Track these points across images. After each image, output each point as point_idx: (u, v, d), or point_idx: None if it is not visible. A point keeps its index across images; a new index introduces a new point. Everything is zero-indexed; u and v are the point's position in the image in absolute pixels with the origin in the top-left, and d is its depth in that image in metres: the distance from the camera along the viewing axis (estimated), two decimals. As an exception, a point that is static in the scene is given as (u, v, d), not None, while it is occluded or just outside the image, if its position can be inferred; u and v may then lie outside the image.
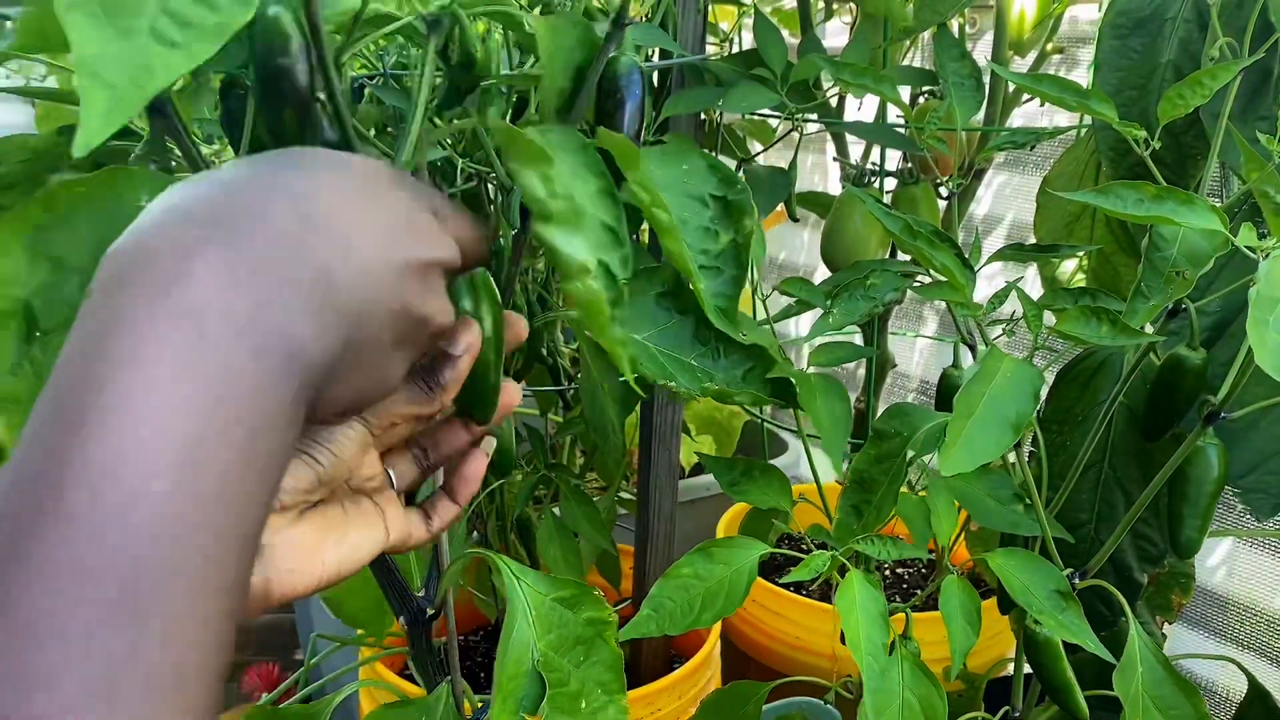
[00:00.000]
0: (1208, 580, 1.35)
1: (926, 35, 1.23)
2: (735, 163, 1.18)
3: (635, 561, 1.17)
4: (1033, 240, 1.09)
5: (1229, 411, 0.70)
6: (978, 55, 1.12)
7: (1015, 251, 0.87)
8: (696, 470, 1.71)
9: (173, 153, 0.59)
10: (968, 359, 0.84)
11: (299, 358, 0.36)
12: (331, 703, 0.67)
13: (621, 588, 1.24)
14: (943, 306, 1.68)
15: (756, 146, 1.27)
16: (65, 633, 0.29)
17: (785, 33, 1.04)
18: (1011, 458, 0.79)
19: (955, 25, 1.19)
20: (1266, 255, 0.62)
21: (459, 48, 0.56)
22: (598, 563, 1.21)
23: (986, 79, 0.96)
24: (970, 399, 0.65)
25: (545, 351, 1.15)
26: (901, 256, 1.10)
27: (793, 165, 1.12)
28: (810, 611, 1.28)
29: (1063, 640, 0.75)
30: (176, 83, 0.56)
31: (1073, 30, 1.37)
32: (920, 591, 1.36)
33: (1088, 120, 0.98)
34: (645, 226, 1.15)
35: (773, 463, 0.94)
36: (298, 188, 0.38)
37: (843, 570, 0.73)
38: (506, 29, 0.62)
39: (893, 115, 1.14)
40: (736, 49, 1.31)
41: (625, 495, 1.26)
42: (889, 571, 1.43)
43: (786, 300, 0.90)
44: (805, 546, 0.78)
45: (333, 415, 0.41)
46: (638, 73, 0.60)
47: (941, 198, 1.09)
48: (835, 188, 1.68)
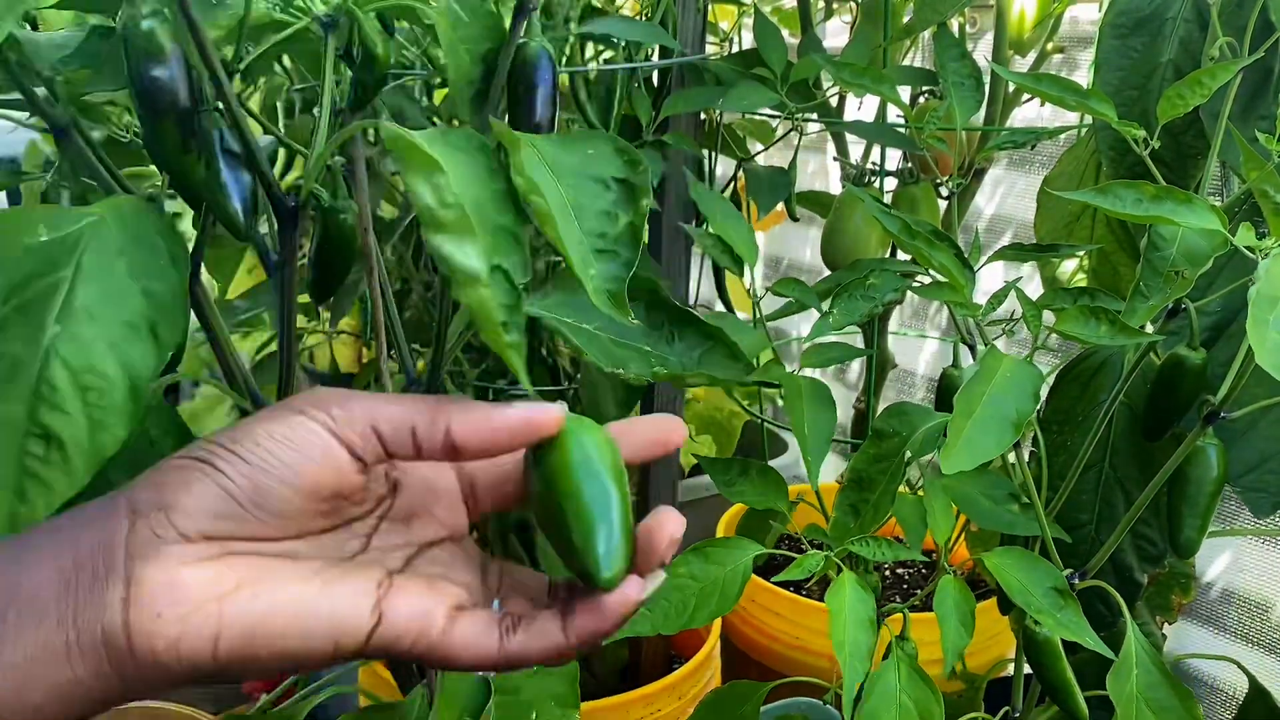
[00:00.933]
0: (1215, 577, 1.35)
1: (926, 35, 1.22)
2: (735, 162, 1.18)
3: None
4: (1033, 240, 1.09)
5: (1229, 411, 0.70)
6: (978, 55, 1.12)
7: (1015, 251, 0.87)
8: (696, 470, 1.71)
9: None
10: (967, 359, 0.84)
11: None
12: (309, 705, 0.67)
13: (621, 588, 1.24)
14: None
15: (757, 146, 1.27)
16: None
17: (785, 32, 1.04)
18: (1011, 458, 0.79)
19: (955, 25, 1.18)
20: (1266, 255, 0.62)
21: (360, 47, 0.56)
22: (598, 563, 1.21)
23: (986, 79, 0.96)
24: (970, 398, 0.65)
25: (545, 351, 1.15)
26: (902, 256, 1.10)
27: (793, 165, 1.12)
28: (810, 612, 1.28)
29: (1062, 640, 0.75)
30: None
31: (1073, 30, 1.36)
32: (919, 592, 1.36)
33: (1088, 120, 0.97)
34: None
35: (772, 463, 0.94)
36: None
37: (838, 571, 0.73)
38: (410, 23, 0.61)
39: (893, 115, 1.14)
40: (736, 49, 1.31)
41: (625, 495, 1.26)
42: (889, 572, 1.43)
43: (786, 300, 0.90)
44: (804, 547, 0.78)
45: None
46: (547, 58, 0.60)
47: (941, 197, 1.09)
48: (835, 187, 1.68)
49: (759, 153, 1.20)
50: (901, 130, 1.01)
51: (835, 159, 1.27)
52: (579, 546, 0.40)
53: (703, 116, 1.08)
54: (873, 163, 1.22)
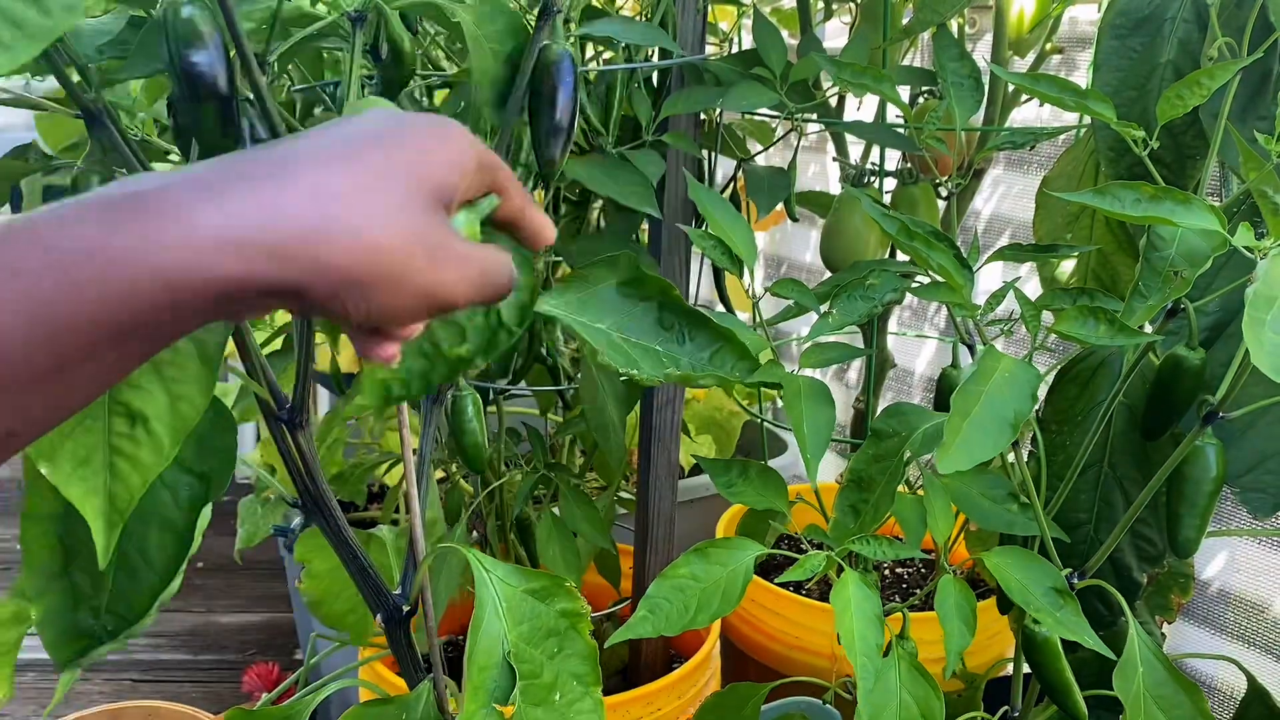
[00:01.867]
0: (1212, 577, 1.35)
1: (926, 35, 1.23)
2: (735, 162, 1.18)
3: (635, 561, 1.17)
4: (1032, 240, 1.09)
5: (1227, 411, 0.70)
6: (977, 55, 1.12)
7: (1014, 251, 0.87)
8: (696, 470, 1.71)
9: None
10: (966, 359, 0.84)
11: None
12: (312, 702, 0.67)
13: (621, 587, 1.24)
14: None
15: (756, 147, 1.27)
16: None
17: (785, 33, 1.04)
18: (1010, 457, 0.79)
19: (954, 25, 1.19)
20: (1264, 255, 0.62)
21: (387, 43, 0.57)
22: (597, 562, 1.21)
23: (986, 79, 0.96)
24: (968, 398, 0.65)
25: (545, 351, 1.15)
26: (901, 256, 1.10)
27: (792, 165, 1.12)
28: (809, 611, 1.28)
29: (1061, 640, 0.75)
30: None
31: (1072, 30, 1.36)
32: (919, 591, 1.36)
33: (1087, 121, 0.98)
34: (644, 227, 1.15)
35: (771, 463, 0.94)
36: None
37: (839, 570, 0.73)
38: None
39: (892, 115, 1.14)
40: (736, 49, 1.31)
41: (625, 495, 1.26)
42: (888, 571, 1.43)
43: (786, 302, 0.90)
44: (804, 547, 0.78)
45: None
46: (569, 61, 0.60)
47: (941, 198, 1.09)
48: (835, 188, 1.68)
49: (759, 153, 1.20)
50: (901, 131, 1.01)
51: (835, 159, 1.27)
52: None
53: (702, 117, 1.08)
54: (872, 163, 1.22)
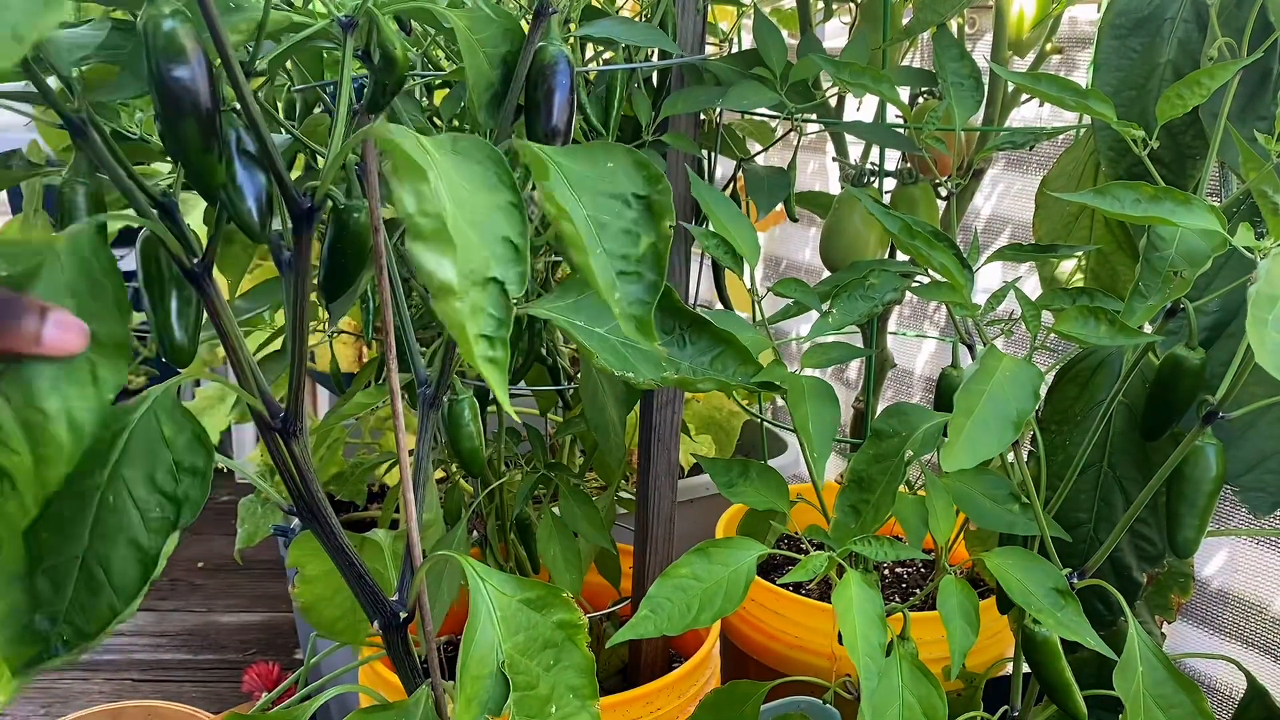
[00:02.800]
0: (1211, 577, 1.35)
1: (926, 35, 1.23)
2: (735, 162, 1.18)
3: (635, 561, 1.17)
4: (1030, 239, 1.09)
5: (1227, 411, 0.70)
6: (977, 55, 1.12)
7: (1014, 251, 0.87)
8: (696, 470, 1.71)
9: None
10: (966, 359, 0.84)
11: None
12: (311, 707, 0.67)
13: (621, 587, 1.24)
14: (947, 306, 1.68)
15: (756, 147, 1.27)
16: None
17: (784, 33, 1.04)
18: (1010, 457, 0.79)
19: (954, 25, 1.19)
20: (1264, 255, 0.62)
21: (378, 48, 0.56)
22: (597, 562, 1.21)
23: (985, 79, 0.96)
24: (970, 397, 0.66)
25: (545, 351, 1.15)
26: (901, 256, 1.10)
27: (792, 165, 1.12)
28: (809, 611, 1.28)
29: (1061, 639, 0.75)
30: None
31: (1072, 30, 1.37)
32: (919, 591, 1.36)
33: (1087, 120, 0.98)
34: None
35: (772, 463, 0.94)
36: None
37: (840, 571, 0.73)
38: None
39: (892, 115, 1.14)
40: (736, 49, 1.31)
41: (625, 495, 1.26)
42: (888, 571, 1.43)
43: (787, 301, 0.90)
44: (804, 546, 0.78)
45: None
46: (565, 62, 0.59)
47: (940, 198, 1.09)
48: (834, 188, 1.68)
49: (758, 153, 1.20)
50: (900, 130, 1.01)
51: (834, 159, 1.27)
52: None
53: (702, 117, 1.08)
54: (872, 163, 1.22)
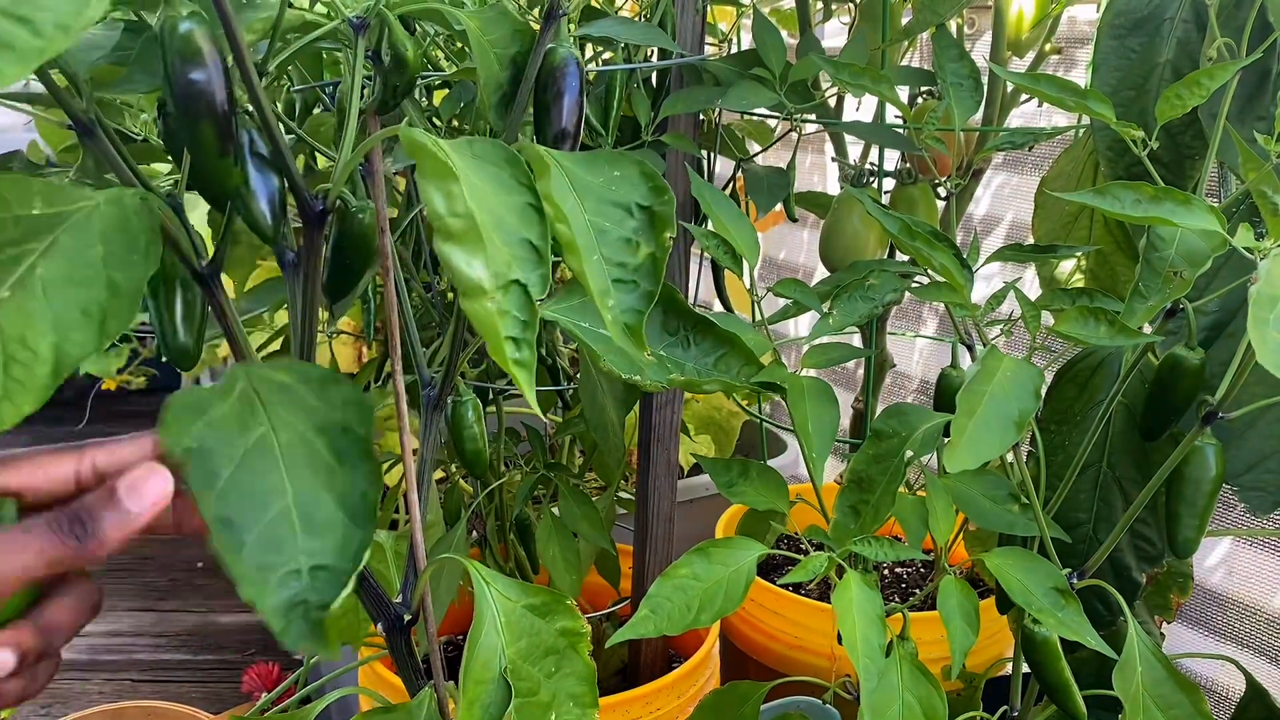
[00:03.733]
0: (1207, 579, 1.35)
1: (925, 35, 1.23)
2: (734, 162, 1.18)
3: (634, 561, 1.17)
4: (1031, 240, 1.09)
5: (1227, 411, 0.70)
6: (976, 55, 1.12)
7: (1014, 252, 0.87)
8: (695, 470, 1.71)
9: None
10: (966, 359, 0.84)
11: None
12: (315, 709, 0.67)
13: (621, 587, 1.24)
14: (942, 307, 1.68)
15: (755, 147, 1.27)
16: None
17: (784, 33, 1.04)
18: (1010, 458, 0.79)
19: (953, 25, 1.19)
20: (1264, 256, 0.62)
21: (389, 49, 0.56)
22: (597, 562, 1.21)
23: (985, 79, 0.96)
24: (972, 398, 0.66)
25: (545, 351, 1.15)
26: (900, 257, 1.10)
27: (791, 165, 1.12)
28: (809, 611, 1.28)
29: (1061, 639, 0.75)
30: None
31: (1071, 30, 1.37)
32: (919, 591, 1.36)
33: (1086, 120, 0.98)
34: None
35: (771, 463, 0.94)
36: None
37: (840, 571, 0.73)
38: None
39: (891, 115, 1.14)
40: (735, 49, 1.31)
41: (624, 495, 1.26)
42: (888, 571, 1.43)
43: (785, 301, 0.90)
44: (804, 547, 0.78)
45: None
46: (575, 64, 0.59)
47: (940, 198, 1.09)
48: (834, 188, 1.68)
49: (758, 153, 1.20)
50: (900, 131, 1.01)
51: (834, 159, 1.27)
52: None
53: (701, 117, 1.08)
54: (871, 163, 1.22)
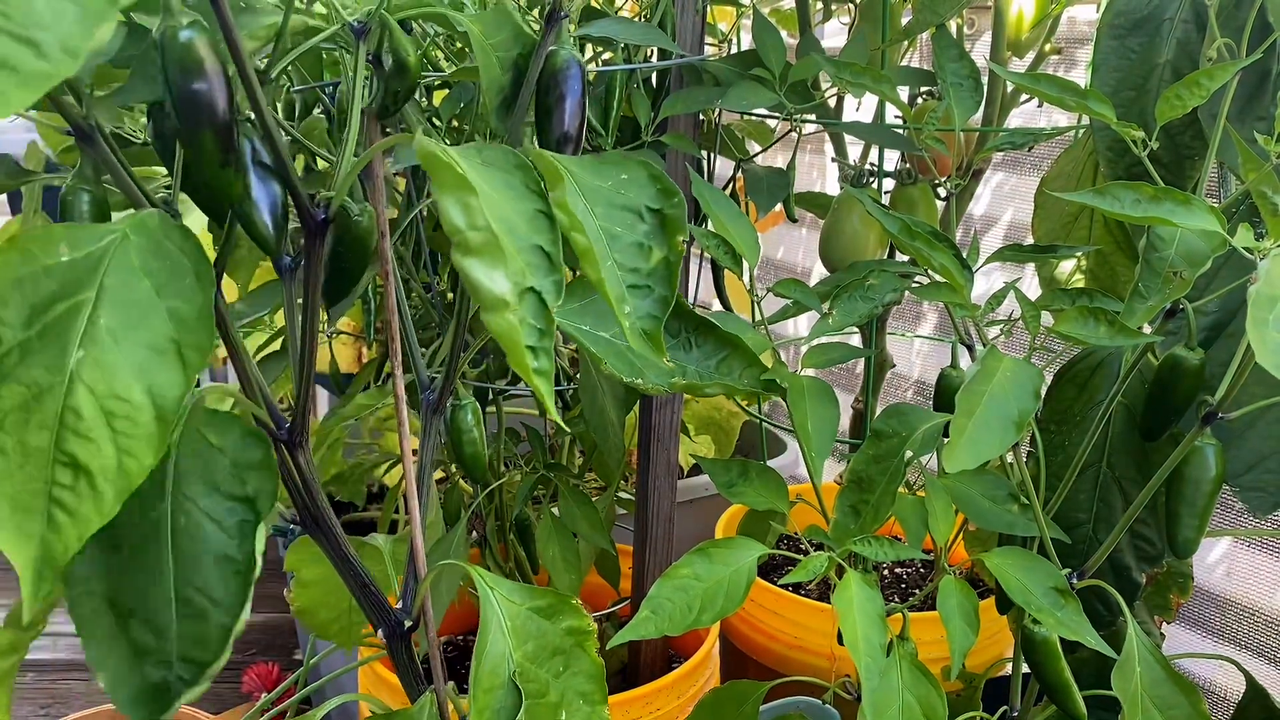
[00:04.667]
0: (1206, 580, 1.35)
1: (925, 36, 1.23)
2: (734, 163, 1.18)
3: (634, 561, 1.17)
4: (1031, 241, 1.09)
5: (1227, 411, 0.70)
6: (976, 56, 1.12)
7: (1013, 252, 0.87)
8: (696, 470, 1.71)
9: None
10: (965, 359, 0.84)
11: None
12: (318, 713, 0.67)
13: (621, 587, 1.24)
14: (940, 306, 1.68)
15: (755, 147, 1.27)
16: None
17: (784, 33, 1.04)
18: (1009, 458, 0.79)
19: (953, 26, 1.19)
20: (1264, 256, 0.62)
21: (391, 53, 0.56)
22: (597, 563, 1.21)
23: (985, 79, 0.97)
24: (972, 398, 0.66)
25: (544, 352, 1.15)
26: (900, 257, 1.10)
27: (791, 165, 1.12)
28: (808, 611, 1.28)
29: (1061, 639, 0.75)
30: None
31: (1071, 30, 1.37)
32: (918, 591, 1.36)
33: (1086, 121, 0.98)
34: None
35: (771, 463, 0.94)
36: None
37: (840, 571, 0.73)
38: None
39: (891, 115, 1.14)
40: (735, 49, 1.31)
41: (624, 495, 1.26)
42: (887, 572, 1.43)
43: (784, 301, 0.90)
44: (804, 546, 0.78)
45: None
46: (576, 67, 0.59)
47: (940, 198, 1.09)
48: (834, 188, 1.68)
49: (758, 154, 1.20)
50: (900, 131, 1.01)
51: (834, 159, 1.27)
52: None
53: (701, 117, 1.08)
54: (871, 163, 1.22)
